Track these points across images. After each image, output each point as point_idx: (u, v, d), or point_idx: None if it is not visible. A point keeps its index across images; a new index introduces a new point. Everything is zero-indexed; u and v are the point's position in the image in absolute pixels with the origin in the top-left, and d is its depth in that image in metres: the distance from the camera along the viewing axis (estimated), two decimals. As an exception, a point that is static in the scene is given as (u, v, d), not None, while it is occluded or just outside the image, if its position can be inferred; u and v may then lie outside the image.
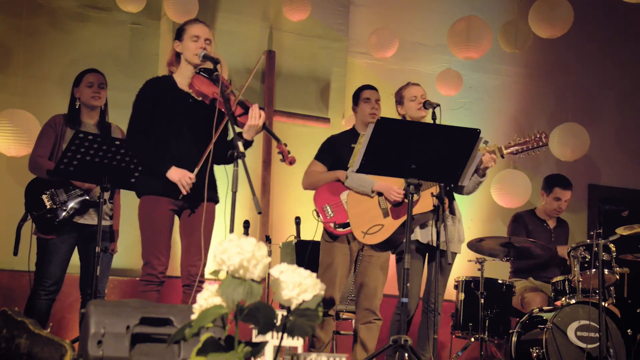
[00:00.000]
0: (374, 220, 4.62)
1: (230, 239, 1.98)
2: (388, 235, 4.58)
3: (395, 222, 4.58)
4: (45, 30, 6.39)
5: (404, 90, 4.88)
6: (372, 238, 4.61)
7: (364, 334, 4.97)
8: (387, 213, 4.61)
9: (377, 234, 4.60)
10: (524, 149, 4.65)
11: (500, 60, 7.67)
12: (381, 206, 4.64)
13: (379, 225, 4.59)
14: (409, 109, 4.83)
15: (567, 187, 6.19)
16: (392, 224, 4.58)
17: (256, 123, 3.92)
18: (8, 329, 2.94)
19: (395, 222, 4.58)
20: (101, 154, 4.24)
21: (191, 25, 4.10)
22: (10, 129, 5.62)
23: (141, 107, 4.04)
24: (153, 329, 2.63)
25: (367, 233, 4.60)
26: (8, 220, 5.43)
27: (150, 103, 4.02)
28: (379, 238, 4.60)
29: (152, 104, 4.02)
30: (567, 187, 6.19)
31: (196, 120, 4.03)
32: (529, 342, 5.18)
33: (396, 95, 4.93)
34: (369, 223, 4.62)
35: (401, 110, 4.88)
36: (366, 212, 4.65)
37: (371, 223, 4.61)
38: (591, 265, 5.22)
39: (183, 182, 3.91)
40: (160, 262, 3.99)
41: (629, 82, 8.14)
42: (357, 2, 7.31)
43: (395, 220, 4.57)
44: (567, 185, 6.20)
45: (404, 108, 4.86)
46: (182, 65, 4.10)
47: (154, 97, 4.03)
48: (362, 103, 5.13)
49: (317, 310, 2.02)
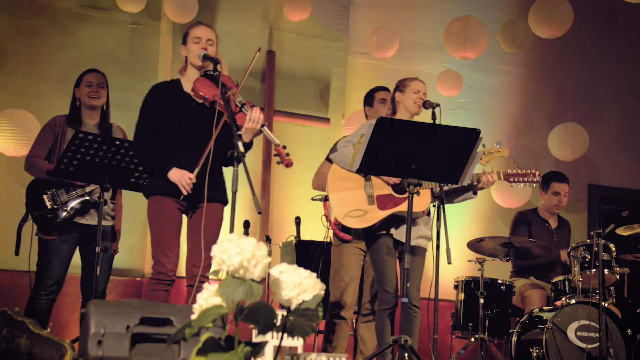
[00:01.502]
0: (358, 204, 4.44)
1: (230, 239, 1.98)
2: (370, 224, 4.41)
3: (379, 212, 4.41)
4: (45, 30, 6.39)
5: (411, 81, 4.64)
6: (352, 221, 4.43)
7: (365, 333, 4.98)
8: (372, 200, 4.44)
9: (358, 219, 4.43)
10: (519, 180, 4.88)
11: (500, 60, 7.67)
12: (367, 192, 4.48)
13: (362, 210, 4.43)
14: (408, 100, 4.58)
15: (563, 180, 6.20)
16: (376, 213, 4.41)
17: (254, 126, 3.94)
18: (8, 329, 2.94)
19: (379, 213, 4.41)
20: (101, 154, 4.25)
21: (193, 28, 4.18)
22: (10, 129, 5.63)
23: (146, 111, 4.12)
24: (153, 329, 2.63)
25: (348, 215, 4.42)
26: (8, 221, 5.43)
27: (156, 107, 4.10)
28: (359, 223, 4.43)
29: (157, 107, 4.09)
30: (563, 180, 6.20)
31: (199, 123, 4.05)
32: (529, 342, 5.18)
33: (399, 82, 4.69)
34: (352, 205, 4.44)
35: (399, 98, 4.62)
36: (349, 192, 4.47)
37: (354, 206, 4.44)
38: (591, 265, 5.22)
39: (183, 183, 3.95)
40: (170, 260, 4.01)
41: (629, 82, 8.14)
42: (357, 2, 7.31)
43: (379, 211, 4.41)
44: (563, 179, 6.20)
45: (403, 96, 4.61)
46: (188, 69, 4.18)
47: (159, 101, 4.11)
48: (378, 104, 5.10)
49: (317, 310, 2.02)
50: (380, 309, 4.42)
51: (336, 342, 4.93)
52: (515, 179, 4.84)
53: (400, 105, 4.62)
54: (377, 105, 5.10)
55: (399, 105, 4.64)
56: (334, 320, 4.97)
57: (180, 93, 4.14)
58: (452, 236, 4.18)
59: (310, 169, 5.38)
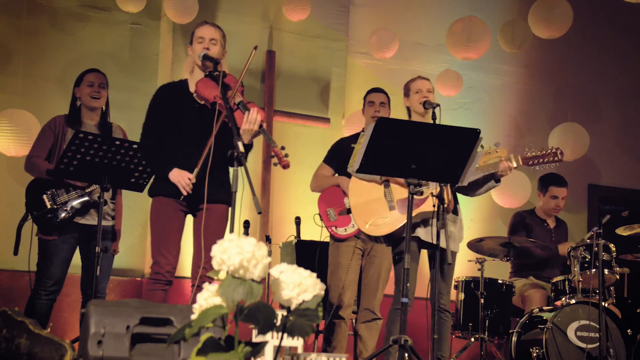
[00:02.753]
0: (379, 212, 4.56)
1: (230, 239, 1.98)
2: (393, 229, 4.53)
3: (401, 216, 4.51)
4: (45, 30, 6.39)
5: (412, 82, 4.78)
6: (376, 229, 4.56)
7: (364, 333, 4.97)
8: (392, 207, 4.55)
9: (382, 227, 4.54)
10: (540, 161, 4.72)
11: (500, 60, 7.67)
12: (387, 199, 4.58)
13: (384, 217, 4.54)
14: (412, 101, 4.73)
15: (562, 184, 6.20)
16: (398, 218, 4.53)
17: (251, 127, 3.94)
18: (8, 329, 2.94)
19: (400, 217, 4.51)
20: (101, 154, 4.25)
21: (198, 28, 4.18)
22: (10, 129, 5.63)
23: (152, 113, 4.15)
24: (153, 329, 2.63)
25: (372, 224, 4.54)
26: (8, 220, 5.43)
27: (161, 108, 4.12)
28: (383, 230, 4.56)
29: (163, 109, 4.11)
30: (561, 184, 6.20)
31: (202, 124, 4.05)
32: (529, 342, 5.18)
33: (404, 88, 4.84)
34: (374, 214, 4.56)
35: (406, 103, 4.79)
36: (371, 202, 4.59)
37: (376, 215, 4.56)
38: (591, 265, 5.22)
39: (182, 183, 3.96)
40: (168, 261, 4.01)
41: (629, 82, 8.14)
42: (357, 2, 7.31)
43: (401, 215, 4.51)
44: (562, 183, 6.21)
45: (409, 101, 4.77)
46: (194, 70, 4.19)
47: (164, 102, 4.12)
48: (366, 106, 5.14)
49: (317, 310, 2.02)
50: (394, 308, 4.55)
51: (335, 342, 4.93)
52: (535, 161, 4.74)
53: (411, 109, 4.78)
54: (366, 108, 5.14)
55: (410, 110, 4.79)
56: (332, 320, 4.97)
57: (185, 94, 4.14)
58: (452, 236, 4.19)
59: (310, 169, 5.38)
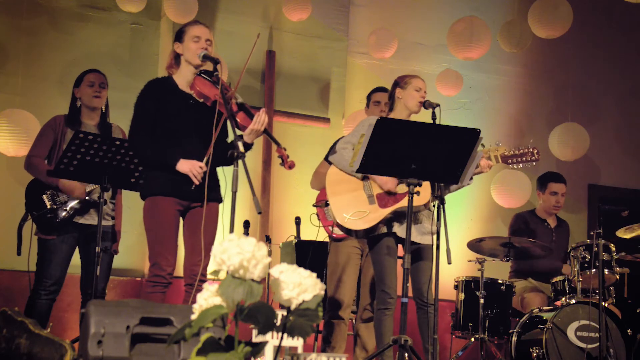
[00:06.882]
0: (358, 205, 4.42)
1: (230, 239, 1.98)
2: (373, 223, 4.38)
3: (381, 210, 4.38)
4: (45, 30, 6.39)
5: (413, 78, 4.58)
6: (354, 223, 4.40)
7: (364, 333, 4.97)
8: (373, 200, 4.42)
9: (361, 220, 4.40)
10: (518, 161, 4.77)
11: (500, 60, 7.67)
12: (366, 192, 4.46)
13: (363, 211, 4.41)
14: (409, 97, 4.52)
15: (560, 180, 6.23)
16: (378, 212, 4.39)
17: (258, 128, 3.95)
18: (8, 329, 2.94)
19: (381, 211, 4.38)
20: (101, 154, 4.24)
21: (192, 27, 4.12)
22: (10, 128, 5.62)
23: (143, 108, 4.06)
24: (153, 329, 2.63)
25: (350, 217, 4.39)
26: (8, 221, 5.43)
27: (152, 103, 4.04)
28: (362, 224, 4.40)
29: (154, 104, 4.04)
30: (559, 180, 6.23)
31: (197, 122, 4.04)
32: (529, 342, 5.18)
33: (400, 78, 4.63)
34: (353, 207, 4.42)
35: (399, 94, 4.55)
36: (349, 194, 4.46)
37: (355, 208, 4.41)
38: (591, 265, 5.22)
39: (194, 172, 3.91)
40: (169, 263, 3.97)
41: (629, 82, 8.14)
42: (357, 2, 7.31)
43: (381, 209, 4.39)
44: (560, 179, 6.24)
45: (404, 93, 4.54)
46: (182, 67, 4.12)
47: (155, 98, 4.05)
48: (372, 106, 5.11)
49: (317, 310, 2.02)
50: (378, 309, 4.42)
51: (335, 342, 4.93)
52: (513, 159, 4.76)
53: (400, 101, 4.55)
54: (372, 107, 5.12)
55: (398, 102, 4.57)
56: (331, 320, 4.96)
57: (175, 91, 4.09)
58: (452, 236, 4.17)
59: (311, 169, 5.38)
